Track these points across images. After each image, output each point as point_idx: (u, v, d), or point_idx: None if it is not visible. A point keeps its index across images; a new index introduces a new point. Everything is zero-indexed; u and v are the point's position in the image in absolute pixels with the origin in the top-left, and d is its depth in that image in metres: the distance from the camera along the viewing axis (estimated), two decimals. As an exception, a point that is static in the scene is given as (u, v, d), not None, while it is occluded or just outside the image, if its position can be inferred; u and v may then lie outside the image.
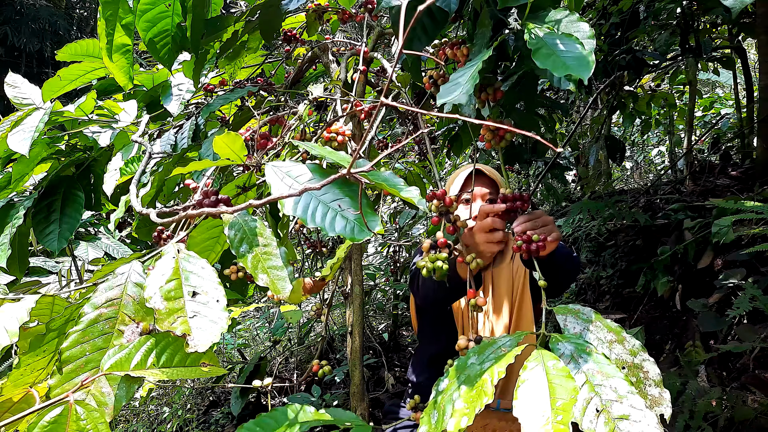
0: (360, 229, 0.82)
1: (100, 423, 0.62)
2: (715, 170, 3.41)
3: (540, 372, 0.75)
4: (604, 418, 0.70)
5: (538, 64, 0.86)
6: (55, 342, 0.76)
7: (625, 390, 0.72)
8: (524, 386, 0.75)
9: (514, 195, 1.06)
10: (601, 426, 0.69)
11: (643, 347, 0.81)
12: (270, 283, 0.78)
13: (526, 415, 0.71)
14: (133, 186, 1.07)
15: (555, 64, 0.84)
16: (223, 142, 0.93)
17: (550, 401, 0.70)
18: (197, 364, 0.71)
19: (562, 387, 0.72)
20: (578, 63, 0.83)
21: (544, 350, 0.80)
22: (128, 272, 0.76)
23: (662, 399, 0.76)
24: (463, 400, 0.77)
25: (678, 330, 2.72)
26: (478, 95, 1.12)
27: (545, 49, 0.87)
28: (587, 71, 0.82)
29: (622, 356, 0.81)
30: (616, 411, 0.70)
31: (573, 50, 0.85)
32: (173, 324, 0.67)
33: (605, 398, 0.72)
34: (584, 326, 0.88)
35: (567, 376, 0.73)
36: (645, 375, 0.79)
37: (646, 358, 0.81)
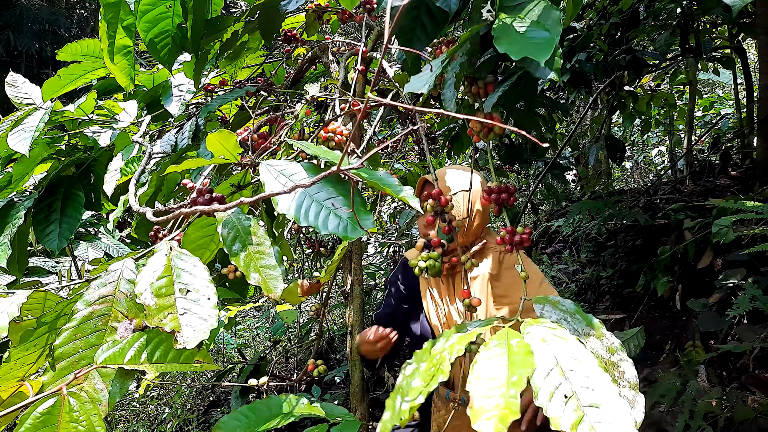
0: (353, 228, 0.82)
1: (93, 415, 0.62)
2: (715, 170, 3.40)
3: (501, 349, 0.72)
4: (573, 404, 0.65)
5: (499, 49, 0.86)
6: (46, 336, 0.76)
7: (599, 378, 0.68)
8: (481, 363, 0.72)
9: (500, 187, 1.06)
10: (569, 412, 0.65)
11: (623, 346, 0.77)
12: (262, 282, 0.78)
13: (481, 391, 0.68)
14: (132, 185, 1.08)
15: (513, 48, 0.85)
16: (217, 140, 0.94)
17: (507, 377, 0.67)
18: (190, 361, 0.72)
19: (521, 363, 0.69)
20: (538, 46, 0.83)
21: (510, 330, 0.77)
22: (121, 269, 0.77)
23: (635, 402, 0.73)
24: (420, 378, 0.75)
25: (678, 330, 2.72)
26: (468, 89, 1.12)
27: (508, 36, 0.87)
28: (545, 54, 0.82)
29: (598, 351, 0.78)
30: (587, 399, 0.66)
31: (537, 35, 0.85)
32: (163, 320, 0.67)
33: (576, 384, 0.67)
34: (562, 316, 0.85)
35: (527, 353, 0.70)
36: (621, 374, 0.75)
37: (624, 358, 0.77)
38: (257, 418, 0.86)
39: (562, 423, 0.64)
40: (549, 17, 0.89)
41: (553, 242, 4.00)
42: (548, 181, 3.56)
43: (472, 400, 0.67)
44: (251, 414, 0.87)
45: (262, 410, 0.87)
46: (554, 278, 3.21)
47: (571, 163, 3.80)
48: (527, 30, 0.87)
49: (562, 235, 3.75)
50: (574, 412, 0.65)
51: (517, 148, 3.02)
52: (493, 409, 0.64)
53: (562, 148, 3.74)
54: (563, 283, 3.30)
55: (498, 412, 0.63)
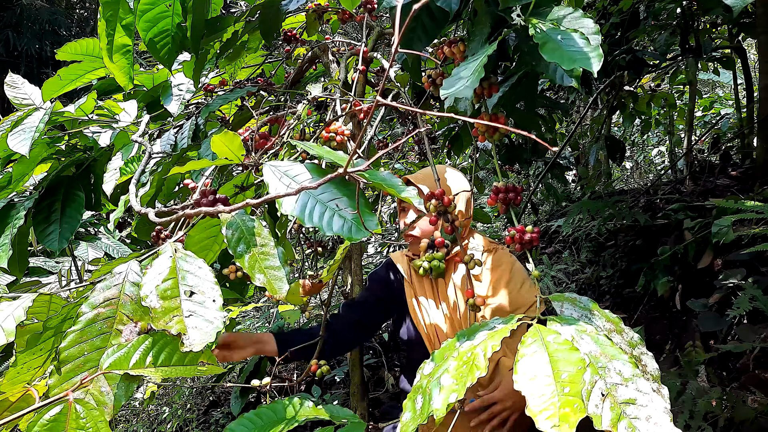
0: (357, 229, 0.82)
1: (100, 421, 0.62)
2: (715, 170, 3.40)
3: (539, 346, 0.71)
4: (610, 402, 0.65)
5: (546, 57, 0.86)
6: (52, 340, 0.76)
7: (630, 373, 0.67)
8: (524, 360, 0.71)
9: (507, 187, 1.06)
10: (607, 411, 0.64)
11: (642, 340, 0.77)
12: (267, 283, 0.78)
13: (531, 390, 0.67)
14: (132, 186, 1.08)
15: (562, 57, 0.85)
16: (221, 141, 0.93)
17: (554, 374, 0.66)
18: (195, 363, 0.71)
19: (566, 360, 0.68)
20: (586, 57, 0.83)
21: (541, 326, 0.77)
22: (126, 272, 0.76)
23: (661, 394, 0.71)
24: (451, 376, 0.74)
25: (678, 330, 2.72)
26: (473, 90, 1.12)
27: (552, 43, 0.87)
28: (597, 64, 0.83)
29: (620, 345, 0.77)
30: (622, 395, 0.66)
31: (579, 45, 0.85)
32: (169, 323, 0.67)
33: (610, 381, 0.67)
34: (582, 313, 0.84)
35: (570, 349, 0.69)
36: (643, 368, 0.75)
37: (644, 351, 0.77)
38: (264, 423, 0.86)
39: (603, 422, 0.64)
40: (584, 25, 0.89)
41: (553, 242, 4.00)
42: (548, 181, 3.56)
43: (528, 399, 0.67)
44: (258, 419, 0.86)
45: (269, 415, 0.87)
46: (554, 278, 3.21)
47: (571, 163, 3.80)
48: (566, 38, 0.87)
49: (562, 235, 3.75)
50: (612, 410, 0.65)
51: (517, 148, 3.02)
52: (550, 407, 0.64)
53: (562, 148, 3.74)
54: (563, 283, 3.30)
55: (556, 411, 0.63)
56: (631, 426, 0.63)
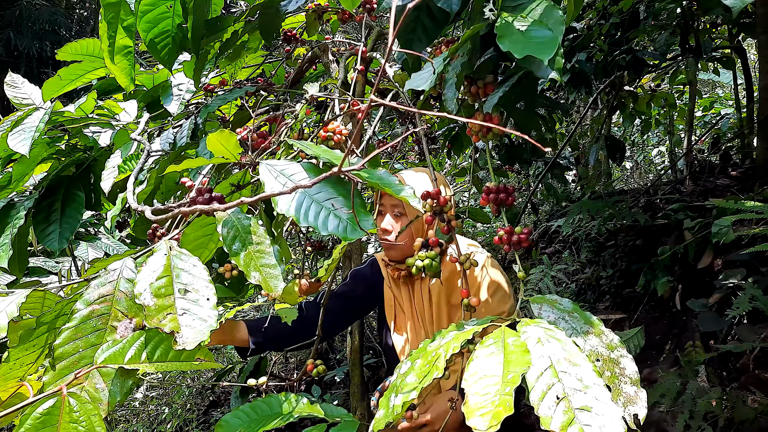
0: (352, 228, 0.82)
1: (94, 415, 0.62)
2: (715, 170, 3.40)
3: (498, 347, 0.72)
4: (564, 406, 0.65)
5: (502, 48, 0.87)
6: (45, 336, 0.76)
7: (592, 381, 0.68)
8: (477, 361, 0.71)
9: (498, 187, 1.05)
10: (560, 414, 0.65)
11: (622, 343, 0.77)
12: (262, 281, 0.78)
13: (475, 389, 0.68)
14: (130, 183, 1.08)
15: (516, 47, 0.85)
16: (217, 140, 0.94)
17: (503, 375, 0.67)
18: (192, 359, 0.72)
19: (517, 362, 0.68)
20: (541, 45, 0.83)
21: (507, 329, 0.77)
22: (120, 268, 0.77)
23: (637, 398, 0.72)
24: (415, 375, 0.75)
25: (678, 330, 2.72)
26: (468, 89, 1.12)
27: (511, 34, 0.88)
28: (549, 52, 0.83)
29: (597, 348, 0.78)
30: (579, 401, 0.66)
31: (540, 34, 0.85)
32: (162, 321, 0.67)
33: (568, 386, 0.67)
34: (560, 315, 0.84)
35: (523, 351, 0.70)
36: (621, 371, 0.75)
37: (624, 354, 0.77)
38: (258, 417, 0.86)
39: (553, 423, 0.65)
40: (551, 16, 0.89)
41: (553, 242, 4.00)
42: (548, 181, 3.56)
43: (467, 397, 0.67)
44: (252, 413, 0.87)
45: (263, 409, 0.87)
46: (554, 278, 3.21)
47: (571, 163, 3.80)
48: (529, 29, 0.87)
49: (562, 235, 3.75)
50: (565, 414, 0.65)
51: (517, 148, 3.02)
52: (488, 405, 0.64)
53: (562, 148, 3.74)
54: (563, 283, 3.30)
55: (492, 409, 0.63)
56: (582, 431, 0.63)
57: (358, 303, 1.72)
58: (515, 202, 1.07)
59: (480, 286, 1.52)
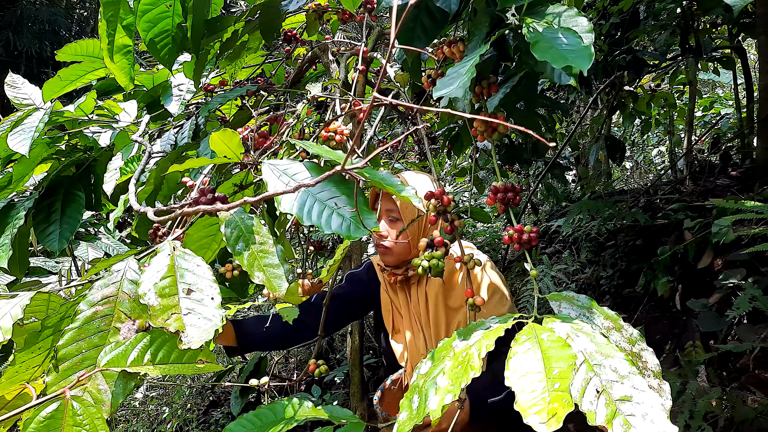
0: (356, 227, 0.82)
1: (97, 418, 0.62)
2: (715, 170, 3.40)
3: (533, 344, 0.72)
4: (604, 399, 0.65)
5: (537, 56, 0.86)
6: (51, 339, 0.76)
7: (626, 370, 0.67)
8: (516, 357, 0.71)
9: (506, 186, 1.05)
10: (602, 407, 0.65)
11: (642, 336, 0.76)
12: (266, 281, 0.78)
13: (521, 386, 0.67)
14: (132, 185, 1.08)
15: (554, 56, 0.85)
16: (220, 139, 0.94)
17: (545, 371, 0.66)
18: (194, 360, 0.71)
19: (558, 357, 0.68)
20: (577, 55, 0.83)
21: (536, 324, 0.77)
22: (124, 269, 0.77)
23: (662, 390, 0.72)
24: (447, 377, 0.74)
25: (678, 330, 2.72)
26: (472, 89, 1.12)
27: (543, 42, 0.87)
28: (587, 63, 0.82)
29: (620, 343, 0.77)
30: (617, 392, 0.66)
31: (571, 43, 0.85)
32: (167, 321, 0.67)
33: (605, 378, 0.67)
34: (580, 312, 0.84)
35: (563, 345, 0.69)
36: (644, 365, 0.75)
37: (644, 347, 0.77)
38: (263, 423, 0.86)
39: (598, 418, 0.65)
40: (579, 24, 0.89)
41: (553, 242, 4.00)
42: (548, 181, 3.56)
43: (516, 395, 0.67)
44: (257, 420, 0.86)
45: (268, 416, 0.87)
46: (554, 278, 3.21)
47: (571, 163, 3.80)
48: (557, 36, 0.87)
49: (562, 235, 3.75)
50: (607, 407, 0.65)
51: (517, 148, 3.02)
52: (540, 402, 0.64)
53: (562, 148, 3.74)
54: (563, 283, 3.30)
55: (545, 405, 0.63)
56: (627, 423, 0.63)
57: (352, 305, 1.72)
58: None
59: (479, 288, 1.52)
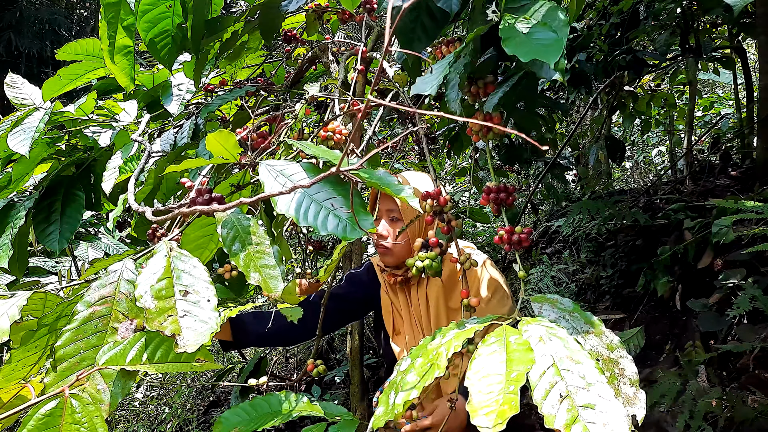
0: (352, 228, 0.82)
1: (96, 417, 0.62)
2: (715, 170, 3.40)
3: (500, 346, 0.72)
4: (567, 404, 0.65)
5: (507, 51, 0.86)
6: (47, 338, 0.76)
7: (594, 378, 0.67)
8: (479, 359, 0.71)
9: (499, 187, 1.05)
10: (563, 412, 0.65)
11: (622, 344, 0.77)
12: (262, 281, 0.78)
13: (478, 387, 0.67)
14: (131, 184, 1.08)
15: (522, 50, 0.85)
16: (216, 140, 0.94)
17: (506, 373, 0.67)
18: (192, 360, 0.72)
19: (520, 359, 0.68)
20: (546, 48, 0.83)
21: (508, 327, 0.77)
22: (121, 270, 0.77)
23: (636, 399, 0.72)
24: (415, 373, 0.74)
25: (678, 330, 2.72)
26: (468, 89, 1.12)
27: (515, 37, 0.87)
28: (555, 56, 0.82)
29: (597, 348, 0.77)
30: (582, 399, 0.66)
31: (545, 37, 0.85)
32: (163, 323, 0.67)
33: (571, 384, 0.67)
34: (560, 314, 0.84)
35: (527, 349, 0.70)
36: (621, 372, 0.75)
37: (623, 355, 0.77)
38: (258, 414, 0.87)
39: (557, 422, 0.65)
40: (555, 18, 0.89)
41: (553, 242, 4.00)
42: (548, 181, 3.56)
43: (471, 395, 0.67)
44: (252, 410, 0.87)
45: (263, 407, 0.87)
46: (554, 278, 3.21)
47: (571, 163, 3.80)
48: (533, 31, 0.87)
49: (562, 235, 3.75)
50: (569, 412, 0.65)
51: (517, 148, 3.02)
52: (492, 404, 0.64)
53: (562, 148, 3.74)
54: (563, 283, 3.30)
55: (497, 407, 0.63)
56: (586, 429, 0.63)
57: (352, 306, 1.72)
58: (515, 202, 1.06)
59: (479, 288, 1.51)
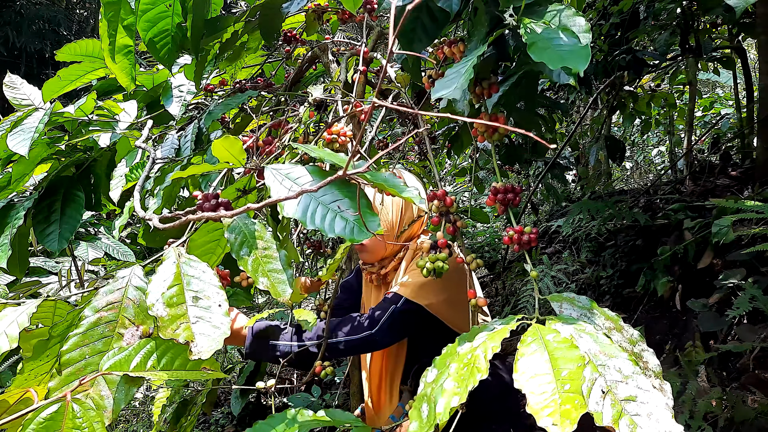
0: (359, 230, 0.82)
1: (96, 422, 0.62)
2: (715, 170, 3.40)
3: (539, 345, 0.72)
4: (610, 399, 0.65)
5: (534, 57, 0.86)
6: (58, 347, 0.76)
7: (630, 370, 0.67)
8: (523, 359, 0.71)
9: (506, 187, 1.05)
10: (608, 407, 0.65)
11: (642, 336, 0.77)
12: (270, 286, 0.78)
13: (531, 388, 0.67)
14: (136, 192, 1.08)
15: (550, 57, 0.84)
16: (222, 146, 0.93)
17: (554, 372, 0.67)
18: (198, 368, 0.71)
19: (566, 358, 0.68)
20: (574, 55, 0.82)
21: (540, 325, 0.77)
22: (129, 276, 0.76)
23: (663, 390, 0.71)
24: (452, 380, 0.73)
25: (678, 330, 2.72)
26: (472, 90, 1.12)
27: (541, 42, 0.87)
28: (583, 63, 0.82)
29: (621, 343, 0.77)
30: (622, 392, 0.66)
31: (569, 43, 0.84)
32: (176, 331, 0.66)
33: (609, 379, 0.67)
34: (581, 312, 0.84)
35: (570, 346, 0.70)
36: (645, 365, 0.75)
37: (645, 348, 0.77)
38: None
39: (604, 418, 0.65)
40: (576, 23, 0.88)
41: (553, 242, 4.00)
42: (548, 181, 3.56)
43: (527, 397, 0.67)
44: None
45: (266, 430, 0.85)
46: (554, 278, 3.21)
47: (571, 163, 3.80)
48: (555, 36, 0.86)
49: (562, 235, 3.75)
50: (613, 407, 0.65)
51: (517, 148, 3.01)
52: (551, 404, 0.65)
53: (562, 148, 3.74)
54: (563, 283, 3.30)
55: (556, 408, 0.63)
56: (633, 423, 0.63)
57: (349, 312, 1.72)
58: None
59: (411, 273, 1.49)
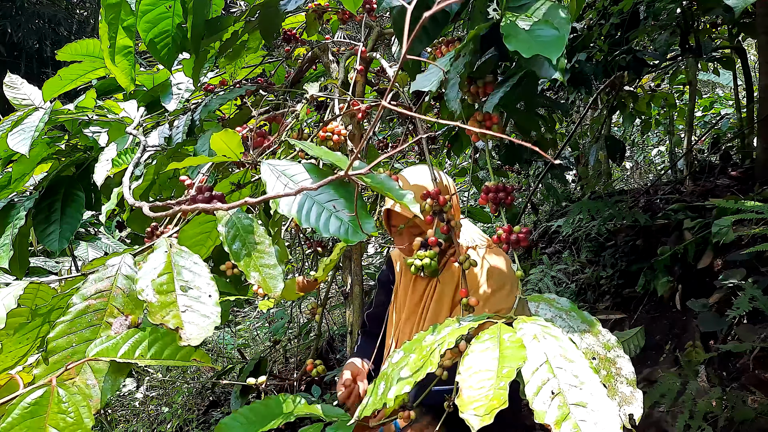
0: (354, 231, 0.82)
1: (82, 406, 0.62)
2: (715, 170, 3.40)
3: (493, 343, 0.72)
4: (558, 401, 0.65)
5: (509, 47, 0.86)
6: (38, 329, 0.76)
7: (587, 377, 0.67)
8: (472, 355, 0.72)
9: (497, 186, 1.05)
10: (554, 409, 0.65)
11: (619, 343, 0.77)
12: (262, 281, 0.78)
13: (469, 382, 0.68)
14: (126, 178, 1.08)
15: (524, 45, 0.85)
16: (221, 139, 0.94)
17: (497, 370, 0.67)
18: (188, 358, 0.71)
19: (512, 357, 0.68)
20: (548, 44, 0.83)
21: (503, 325, 0.77)
22: (119, 264, 0.77)
23: (633, 398, 0.72)
24: (408, 368, 0.75)
25: (678, 330, 2.71)
26: (467, 89, 1.12)
27: (517, 34, 0.88)
28: (557, 52, 0.82)
29: (594, 347, 0.77)
30: (574, 397, 0.65)
31: (547, 34, 0.85)
32: (165, 317, 0.67)
33: (563, 382, 0.67)
34: (556, 313, 0.85)
35: (519, 347, 0.70)
36: (617, 371, 0.75)
37: (620, 354, 0.77)
38: (257, 418, 0.87)
39: (547, 418, 0.65)
40: (556, 16, 0.88)
41: (553, 242, 4.00)
42: (548, 181, 3.55)
43: (461, 390, 0.68)
44: (251, 415, 0.87)
45: (262, 411, 0.88)
46: (554, 278, 3.21)
47: (571, 163, 3.80)
48: (535, 28, 0.87)
49: (562, 235, 3.74)
50: (560, 409, 0.65)
51: (517, 148, 3.01)
52: (482, 399, 0.65)
53: (562, 148, 3.74)
54: (563, 283, 3.30)
55: (485, 402, 0.64)
56: (576, 427, 0.63)
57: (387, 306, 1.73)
58: (515, 202, 1.06)
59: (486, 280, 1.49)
